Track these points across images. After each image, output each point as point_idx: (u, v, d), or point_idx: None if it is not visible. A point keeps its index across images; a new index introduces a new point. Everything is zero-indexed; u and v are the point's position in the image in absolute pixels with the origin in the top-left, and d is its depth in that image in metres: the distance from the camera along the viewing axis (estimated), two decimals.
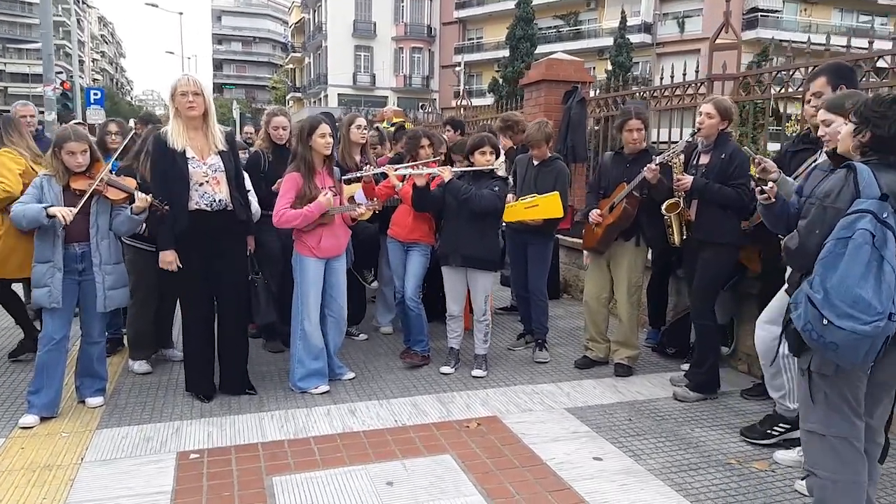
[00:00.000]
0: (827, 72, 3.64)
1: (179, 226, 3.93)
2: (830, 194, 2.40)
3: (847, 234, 2.24)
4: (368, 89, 44.98)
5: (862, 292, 2.17)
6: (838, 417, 2.47)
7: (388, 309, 5.81)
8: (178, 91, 3.90)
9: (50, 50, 12.71)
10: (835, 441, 2.48)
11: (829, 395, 2.46)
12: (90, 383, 4.08)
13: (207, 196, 4.01)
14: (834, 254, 2.26)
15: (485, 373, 4.71)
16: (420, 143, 5.06)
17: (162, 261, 3.95)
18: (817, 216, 2.43)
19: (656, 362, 5.09)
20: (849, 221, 2.26)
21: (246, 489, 3.11)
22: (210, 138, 4.02)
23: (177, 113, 3.93)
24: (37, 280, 3.77)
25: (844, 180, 2.36)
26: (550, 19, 38.48)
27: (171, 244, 3.93)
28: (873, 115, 2.39)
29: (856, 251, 2.20)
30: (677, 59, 9.95)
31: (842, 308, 2.20)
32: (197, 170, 3.96)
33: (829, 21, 35.27)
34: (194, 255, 3.98)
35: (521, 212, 4.84)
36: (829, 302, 2.22)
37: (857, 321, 2.17)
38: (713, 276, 4.21)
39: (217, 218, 4.04)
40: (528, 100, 8.14)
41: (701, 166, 4.21)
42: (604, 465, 3.41)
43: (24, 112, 5.95)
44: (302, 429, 3.78)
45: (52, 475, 3.22)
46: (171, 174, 3.91)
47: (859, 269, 2.19)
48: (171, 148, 3.90)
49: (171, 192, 3.91)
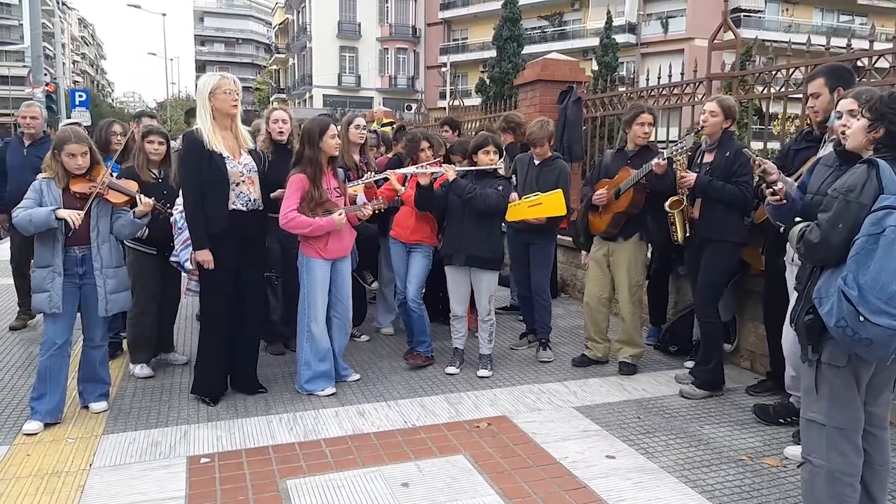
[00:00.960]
0: (825, 73, 3.69)
1: (218, 225, 3.90)
2: (854, 189, 2.40)
3: (877, 230, 2.26)
4: (354, 90, 44.83)
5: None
6: (839, 409, 2.50)
7: (388, 310, 5.79)
8: (222, 89, 3.87)
9: (39, 52, 12.57)
10: (833, 432, 2.52)
11: (835, 386, 2.50)
12: (93, 388, 4.03)
13: (244, 196, 4.00)
14: (866, 250, 2.27)
15: (490, 373, 4.70)
16: (419, 145, 5.05)
17: (198, 259, 3.91)
18: (841, 210, 2.41)
19: (659, 360, 5.11)
20: (878, 217, 2.28)
21: (261, 493, 3.08)
22: (239, 137, 4.02)
23: (213, 112, 3.90)
24: (37, 285, 3.71)
25: (867, 175, 2.38)
26: (535, 20, 38.57)
27: (206, 243, 3.89)
28: (889, 112, 2.41)
29: (888, 247, 2.22)
30: (660, 59, 9.99)
31: (877, 304, 2.21)
32: (234, 169, 3.94)
33: (810, 21, 35.74)
34: (226, 254, 3.95)
35: (524, 211, 4.84)
36: (864, 298, 2.24)
37: (892, 317, 2.20)
38: (717, 273, 4.24)
39: (250, 218, 4.04)
40: (524, 100, 8.14)
41: (705, 165, 4.24)
42: (617, 463, 3.41)
43: (24, 113, 5.68)
44: (311, 431, 3.75)
45: (61, 482, 3.17)
46: (209, 174, 3.87)
47: (894, 266, 2.21)
48: (208, 148, 3.86)
49: (208, 192, 3.87)
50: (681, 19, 34.22)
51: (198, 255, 3.91)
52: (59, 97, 16.43)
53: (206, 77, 3.98)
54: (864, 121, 2.53)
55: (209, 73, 4.11)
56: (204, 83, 3.93)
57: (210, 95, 3.89)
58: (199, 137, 3.87)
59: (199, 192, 3.87)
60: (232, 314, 4.11)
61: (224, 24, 77.59)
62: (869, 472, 2.64)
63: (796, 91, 4.92)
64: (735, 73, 5.58)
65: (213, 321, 4.08)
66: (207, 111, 3.91)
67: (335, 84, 44.43)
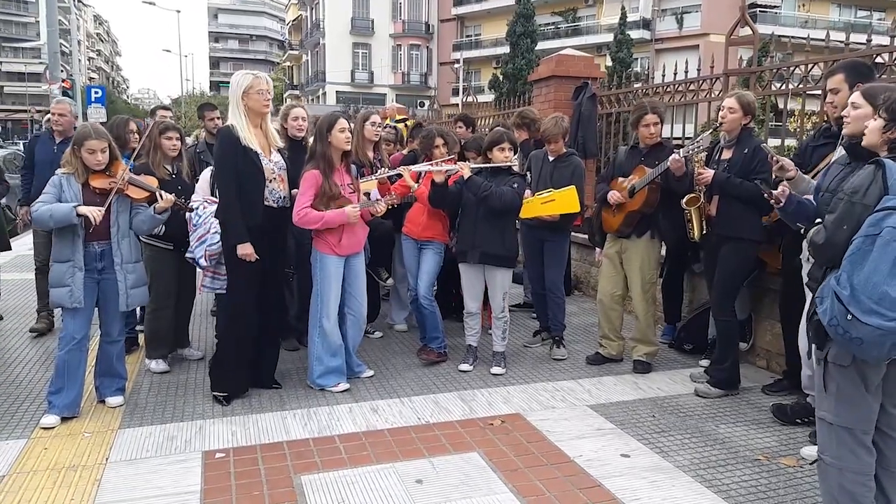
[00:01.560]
0: (844, 69, 3.65)
1: (253, 220, 3.93)
2: (859, 190, 2.39)
3: (875, 231, 2.24)
4: (367, 87, 44.91)
5: (889, 289, 2.17)
6: (847, 408, 2.50)
7: (401, 306, 5.79)
8: (255, 89, 3.91)
9: (55, 48, 12.66)
10: (841, 431, 2.52)
11: (841, 385, 2.49)
12: (109, 383, 4.06)
13: (275, 193, 4.06)
14: (862, 251, 2.26)
15: (504, 370, 4.69)
16: (434, 142, 5.04)
17: (241, 253, 3.91)
18: (846, 211, 2.41)
19: (674, 359, 5.07)
20: (877, 219, 2.26)
21: (275, 488, 3.09)
22: (269, 136, 4.07)
23: (246, 110, 3.94)
24: (57, 279, 3.74)
25: (873, 176, 2.36)
26: (549, 16, 38.44)
27: (246, 237, 3.91)
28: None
29: (883, 248, 2.20)
30: (675, 55, 9.94)
31: (868, 304, 2.21)
32: (266, 166, 3.99)
33: (827, 16, 35.36)
34: (258, 250, 3.96)
35: (537, 207, 4.82)
36: (856, 298, 2.24)
37: (882, 318, 2.18)
38: (734, 271, 4.20)
39: (280, 215, 4.10)
40: (538, 95, 8.11)
41: (723, 161, 4.19)
42: (632, 461, 3.39)
43: (54, 109, 5.55)
44: (326, 427, 3.76)
45: (77, 475, 3.20)
46: (245, 169, 3.91)
47: (886, 267, 2.19)
48: (244, 145, 3.90)
49: (244, 187, 3.91)
50: (696, 15, 33.98)
51: (239, 249, 3.90)
52: (75, 93, 16.55)
53: (240, 76, 4.01)
54: (880, 121, 2.51)
55: (242, 70, 4.16)
56: (237, 82, 3.96)
57: (244, 95, 3.92)
58: (235, 133, 3.91)
59: (234, 187, 3.90)
60: (255, 311, 4.12)
61: (238, 21, 77.96)
62: (885, 475, 2.61)
63: (815, 87, 4.87)
64: (752, 69, 5.52)
65: (238, 317, 4.07)
66: (241, 109, 3.95)
67: (348, 81, 44.51)
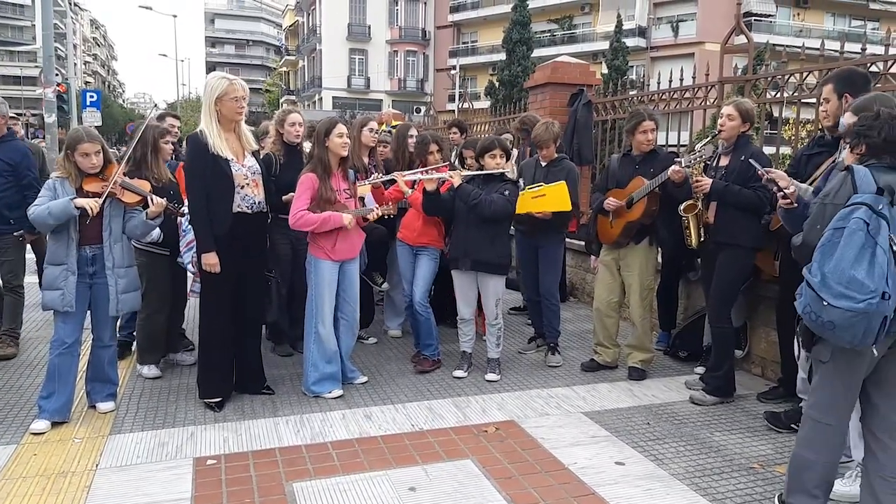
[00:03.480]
0: (834, 79, 3.71)
1: (221, 228, 3.87)
2: (830, 193, 2.63)
3: (843, 224, 2.43)
4: (363, 92, 44.92)
5: (856, 273, 2.34)
6: (825, 405, 2.68)
7: (396, 312, 5.77)
8: (230, 96, 3.84)
9: (51, 52, 12.60)
10: (817, 425, 2.70)
11: (823, 383, 2.68)
12: (101, 388, 4.02)
13: (248, 199, 3.99)
14: (831, 242, 2.44)
15: (498, 377, 4.67)
16: (429, 147, 5.02)
17: (205, 263, 3.88)
18: (818, 213, 2.64)
19: (669, 366, 5.06)
20: (845, 213, 2.45)
21: (267, 495, 3.06)
22: (243, 139, 4.00)
23: (218, 116, 3.88)
24: (49, 282, 3.71)
25: (843, 180, 2.59)
26: (545, 23, 38.55)
27: (212, 246, 3.86)
28: (863, 129, 2.65)
29: (850, 237, 2.38)
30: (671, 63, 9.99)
31: (837, 289, 2.37)
32: (238, 172, 3.92)
33: (821, 25, 35.55)
34: (229, 257, 3.92)
35: (528, 202, 4.80)
36: (826, 284, 2.40)
37: (851, 300, 2.33)
38: (732, 278, 4.20)
39: (255, 220, 4.04)
40: (533, 102, 8.12)
41: (721, 168, 4.19)
42: (626, 469, 3.38)
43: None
44: (318, 434, 3.73)
45: (67, 482, 3.16)
46: (214, 176, 3.85)
47: (853, 253, 2.36)
48: (212, 152, 3.83)
49: (213, 194, 3.85)
50: (691, 23, 34.11)
51: (204, 259, 3.88)
52: (70, 97, 16.51)
53: (214, 79, 3.89)
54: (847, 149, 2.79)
55: (217, 72, 4.06)
56: (212, 87, 3.86)
57: (217, 100, 3.86)
58: (204, 140, 3.84)
59: (204, 195, 3.85)
60: (233, 316, 4.08)
61: (234, 26, 77.93)
62: (878, 482, 2.64)
63: (809, 96, 4.88)
64: (748, 77, 5.54)
65: (215, 322, 4.04)
66: (213, 115, 3.88)
67: (345, 86, 44.53)
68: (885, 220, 2.38)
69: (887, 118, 2.58)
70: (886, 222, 2.37)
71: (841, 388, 2.63)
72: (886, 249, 2.35)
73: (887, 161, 2.58)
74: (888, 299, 2.32)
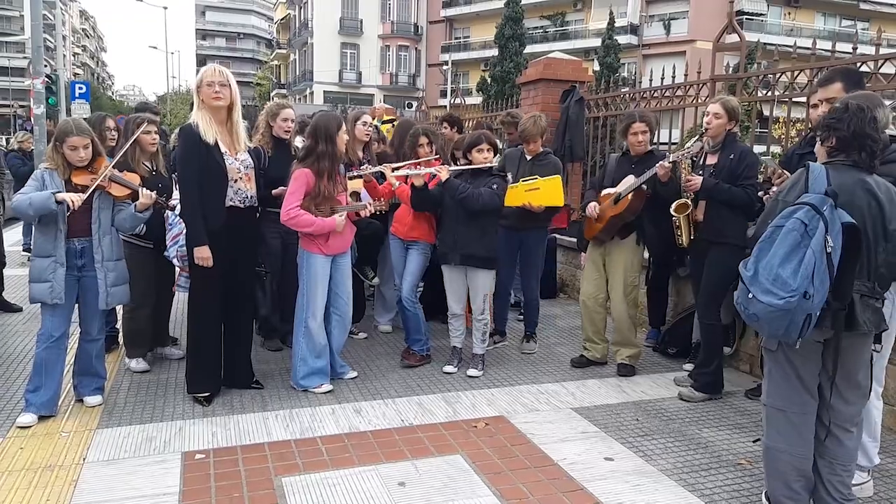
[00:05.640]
0: (841, 77, 3.65)
1: (214, 221, 3.85)
2: (784, 189, 2.70)
3: (783, 222, 2.51)
4: (354, 87, 44.78)
5: (782, 272, 2.44)
6: (777, 391, 2.76)
7: (386, 308, 5.76)
8: (205, 81, 3.80)
9: (39, 43, 12.46)
10: (772, 411, 2.79)
11: (772, 369, 2.77)
12: (88, 382, 4.00)
13: (241, 192, 3.96)
14: (770, 238, 2.52)
15: (481, 372, 4.67)
16: (418, 140, 5.02)
17: (197, 257, 3.85)
18: (770, 209, 2.72)
19: (658, 362, 5.08)
20: (788, 212, 2.53)
21: (255, 490, 3.05)
22: (234, 136, 3.96)
23: (202, 105, 3.84)
24: (37, 275, 3.68)
25: (799, 177, 2.65)
26: (537, 19, 38.52)
27: (205, 239, 3.83)
28: (832, 122, 2.68)
29: (785, 236, 2.47)
30: (662, 61, 10.02)
31: (765, 285, 2.47)
32: (231, 165, 3.90)
33: (812, 25, 35.71)
34: (221, 250, 3.90)
35: (522, 195, 4.81)
36: (757, 279, 2.50)
37: (774, 296, 2.43)
38: (721, 276, 4.19)
39: (247, 214, 4.02)
40: (525, 98, 8.11)
41: (709, 167, 4.21)
42: (615, 465, 3.39)
43: None
44: (308, 428, 3.73)
45: (54, 476, 3.14)
46: (207, 167, 3.81)
47: (784, 252, 2.45)
48: (205, 141, 3.80)
49: (206, 186, 3.82)
50: (683, 21, 34.18)
51: (196, 253, 3.85)
52: (59, 89, 16.36)
53: (201, 70, 3.94)
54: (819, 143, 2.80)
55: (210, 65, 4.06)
56: (197, 77, 3.90)
57: (198, 89, 3.85)
58: (195, 131, 3.82)
59: (196, 187, 3.81)
60: (223, 310, 4.06)
61: (225, 19, 77.41)
62: (823, 464, 2.74)
63: (800, 94, 4.90)
64: (739, 75, 5.55)
65: (204, 317, 4.02)
66: (199, 104, 3.87)
67: (336, 80, 44.36)
68: (825, 222, 2.43)
69: (856, 111, 2.60)
70: (825, 224, 2.43)
71: (792, 375, 2.70)
72: (818, 251, 2.41)
73: (855, 157, 2.61)
74: (809, 298, 2.40)
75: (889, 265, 2.62)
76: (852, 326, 2.56)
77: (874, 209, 2.58)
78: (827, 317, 2.52)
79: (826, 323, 2.54)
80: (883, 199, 2.58)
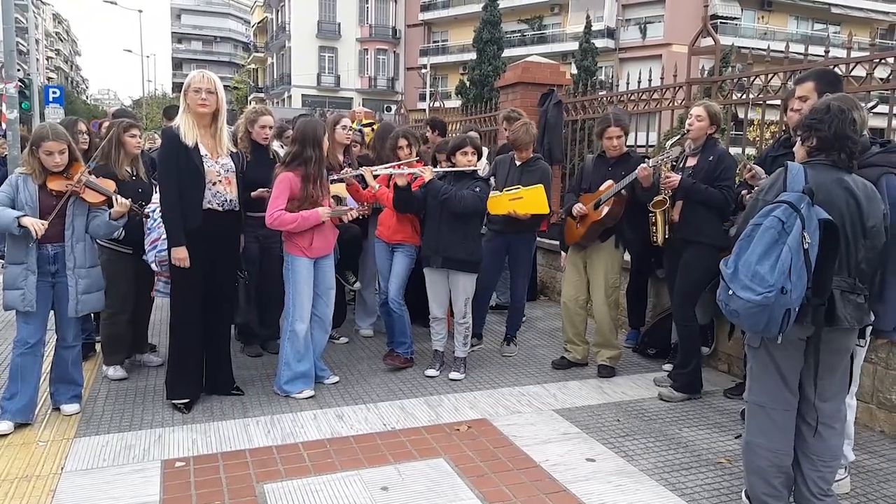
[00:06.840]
0: (815, 77, 3.70)
1: (191, 223, 3.83)
2: (764, 188, 2.74)
3: (762, 220, 2.55)
4: (333, 90, 44.63)
5: (760, 268, 2.48)
6: (758, 387, 2.80)
7: (367, 312, 5.75)
8: (192, 87, 3.80)
9: (12, 46, 12.29)
10: (753, 407, 2.83)
11: (754, 366, 2.82)
12: (65, 389, 3.94)
13: (220, 196, 3.94)
14: (750, 236, 2.57)
15: (462, 375, 4.67)
16: (398, 143, 5.01)
17: (174, 257, 3.83)
18: (751, 207, 2.75)
19: (638, 363, 5.13)
20: (768, 210, 2.57)
21: (237, 497, 3.03)
22: (218, 140, 3.95)
23: (187, 109, 3.84)
24: (9, 282, 3.63)
25: (778, 177, 2.69)
26: (515, 23, 38.70)
27: (183, 240, 3.82)
28: (814, 122, 2.70)
29: (763, 234, 2.52)
30: (639, 64, 10.14)
31: (744, 281, 2.51)
32: (211, 168, 3.87)
33: (785, 28, 36.26)
34: (200, 253, 3.87)
35: (505, 203, 4.83)
36: (736, 276, 2.54)
37: (752, 292, 2.47)
38: (696, 276, 4.24)
39: (226, 218, 3.99)
40: (504, 102, 8.14)
41: (688, 169, 4.25)
42: (597, 466, 3.41)
43: None
44: (289, 434, 3.70)
45: (31, 486, 3.09)
46: (186, 169, 3.80)
47: (762, 249, 2.50)
48: (185, 144, 3.79)
49: (184, 189, 3.80)
50: (659, 25, 34.54)
51: (174, 253, 3.83)
52: (32, 93, 16.09)
53: (191, 74, 3.94)
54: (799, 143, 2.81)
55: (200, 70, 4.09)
56: (186, 81, 3.90)
57: (185, 94, 3.85)
58: (177, 133, 3.82)
59: (175, 188, 3.81)
60: (203, 314, 4.03)
61: (202, 22, 76.84)
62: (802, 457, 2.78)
63: (774, 97, 4.98)
64: (715, 79, 5.63)
65: (185, 322, 4.00)
66: (185, 108, 3.87)
67: (314, 84, 44.18)
68: (802, 219, 2.48)
69: (837, 112, 2.62)
70: (802, 221, 2.47)
71: (774, 372, 2.73)
72: (795, 247, 2.46)
73: (834, 157, 2.64)
74: (787, 294, 2.45)
75: (869, 261, 2.67)
76: (833, 322, 2.60)
77: (852, 207, 2.61)
78: (808, 313, 2.56)
79: (807, 319, 2.58)
80: (861, 197, 2.61)
